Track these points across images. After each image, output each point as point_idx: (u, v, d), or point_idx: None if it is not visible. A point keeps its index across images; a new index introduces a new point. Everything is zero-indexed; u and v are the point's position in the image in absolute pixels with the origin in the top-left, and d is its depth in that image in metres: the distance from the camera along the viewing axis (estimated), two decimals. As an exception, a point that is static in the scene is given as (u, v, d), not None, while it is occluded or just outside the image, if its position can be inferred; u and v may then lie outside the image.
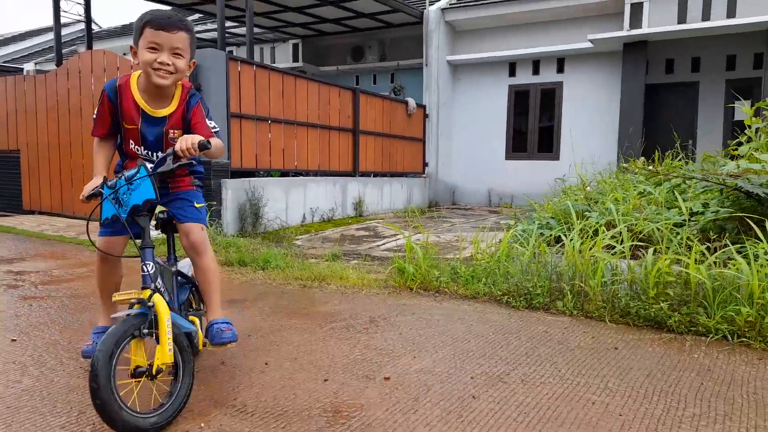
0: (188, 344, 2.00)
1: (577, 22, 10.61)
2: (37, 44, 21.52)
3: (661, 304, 3.09)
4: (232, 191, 6.50)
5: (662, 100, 10.22)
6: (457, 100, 12.00)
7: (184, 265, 2.53)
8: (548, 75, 11.04)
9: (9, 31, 27.20)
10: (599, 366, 2.55)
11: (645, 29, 9.31)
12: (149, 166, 2.02)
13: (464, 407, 2.10)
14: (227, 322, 2.29)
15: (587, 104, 10.68)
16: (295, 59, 13.70)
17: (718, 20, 8.89)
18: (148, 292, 1.92)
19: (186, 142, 1.95)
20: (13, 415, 1.99)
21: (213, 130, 2.18)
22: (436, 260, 4.34)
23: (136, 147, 2.21)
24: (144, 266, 1.98)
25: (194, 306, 2.59)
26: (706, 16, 9.05)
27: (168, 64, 2.05)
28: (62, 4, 9.46)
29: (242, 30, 12.72)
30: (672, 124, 9.43)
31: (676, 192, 4.88)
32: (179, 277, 2.42)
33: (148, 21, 2.04)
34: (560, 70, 10.91)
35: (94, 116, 2.24)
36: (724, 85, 9.72)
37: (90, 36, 9.95)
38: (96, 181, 2.08)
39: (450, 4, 11.45)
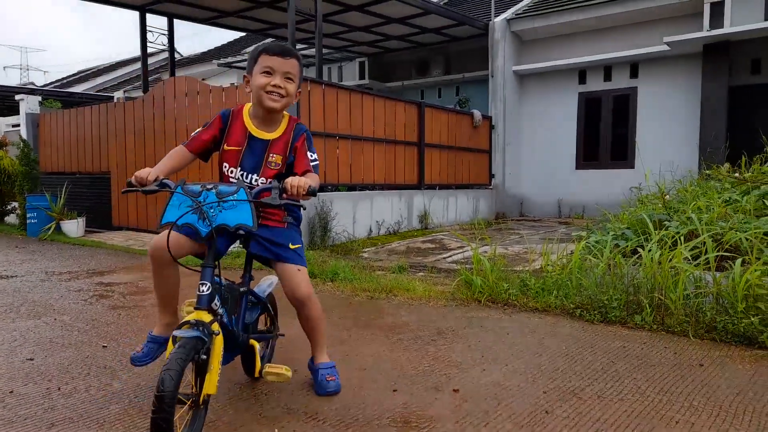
0: None
1: (651, 25, 10.17)
2: (126, 74, 23.25)
3: (752, 319, 2.88)
4: (302, 206, 6.68)
5: (748, 103, 9.56)
6: (524, 110, 11.78)
7: (265, 284, 2.49)
8: (621, 81, 10.63)
9: (101, 63, 29.55)
10: (683, 383, 2.41)
11: (727, 29, 8.78)
12: (249, 191, 1.99)
13: (537, 422, 2.04)
14: (331, 368, 2.37)
15: (664, 110, 10.18)
16: (362, 77, 13.99)
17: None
18: (208, 317, 1.87)
19: (298, 181, 2.01)
20: (104, 415, 2.14)
21: (312, 163, 2.27)
22: (505, 272, 4.26)
23: (231, 169, 2.24)
24: (200, 285, 1.90)
25: (267, 326, 2.57)
26: (796, 11, 8.43)
27: (280, 87, 2.17)
28: (148, 36, 10.20)
29: (312, 51, 13.16)
30: (760, 128, 8.79)
31: (766, 200, 4.54)
32: (251, 297, 2.34)
33: (264, 49, 2.20)
34: (634, 75, 10.48)
35: (195, 133, 2.29)
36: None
37: (173, 64, 10.67)
38: (152, 171, 2.01)
39: (516, 14, 11.32)
